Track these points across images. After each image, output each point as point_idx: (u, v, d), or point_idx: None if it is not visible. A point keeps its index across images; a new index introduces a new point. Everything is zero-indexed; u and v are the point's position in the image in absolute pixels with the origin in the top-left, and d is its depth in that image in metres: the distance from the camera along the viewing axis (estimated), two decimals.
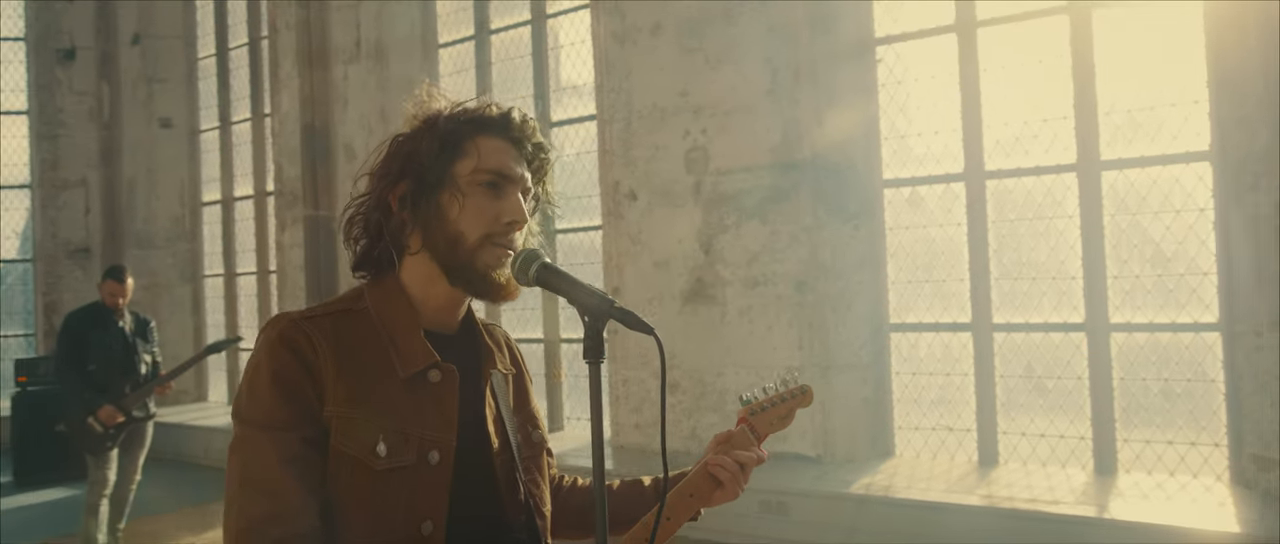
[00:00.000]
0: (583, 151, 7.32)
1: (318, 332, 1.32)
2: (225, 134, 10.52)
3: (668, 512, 1.50)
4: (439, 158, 1.36)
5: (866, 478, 5.38)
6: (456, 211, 1.35)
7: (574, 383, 7.54)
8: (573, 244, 7.45)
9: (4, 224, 11.34)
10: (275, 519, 1.23)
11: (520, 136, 1.43)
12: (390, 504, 1.29)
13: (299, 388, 1.28)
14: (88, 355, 5.16)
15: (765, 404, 1.71)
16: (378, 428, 1.29)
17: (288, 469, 1.25)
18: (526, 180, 1.42)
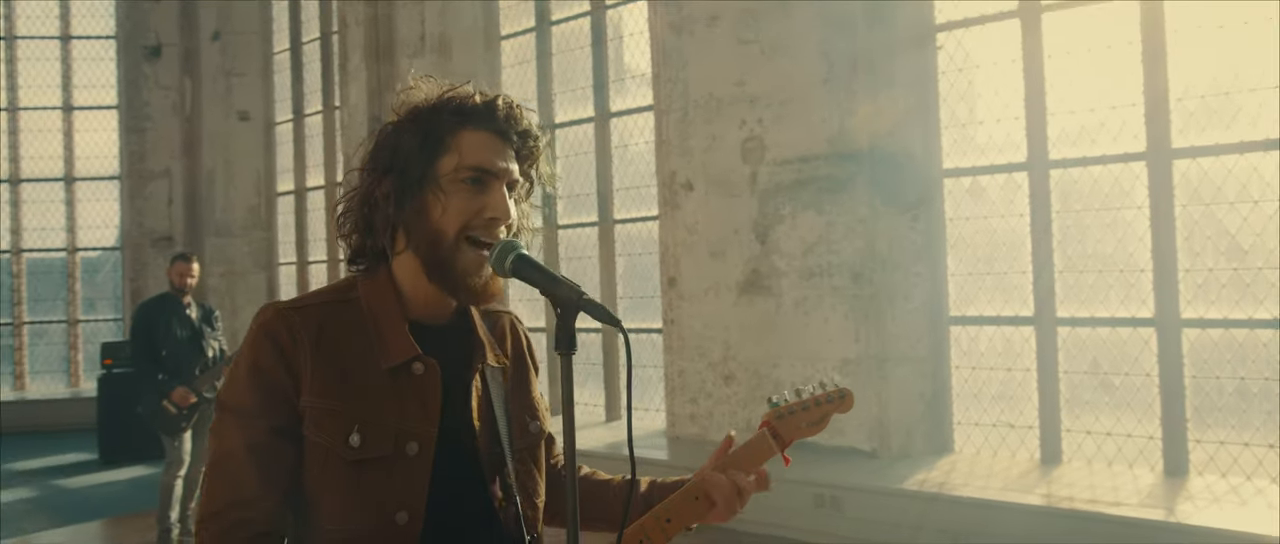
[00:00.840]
0: (640, 142, 7.32)
1: (301, 322, 1.32)
2: (298, 126, 10.82)
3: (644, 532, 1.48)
4: (421, 154, 1.33)
5: (922, 474, 5.28)
6: (439, 211, 1.33)
7: (634, 373, 7.56)
8: (630, 234, 7.47)
9: (97, 214, 11.87)
10: (235, 504, 1.27)
11: (506, 127, 1.39)
12: (364, 494, 1.29)
13: (273, 377, 1.29)
14: (160, 342, 5.39)
15: (794, 407, 1.61)
16: (352, 419, 1.29)
17: (251, 456, 1.28)
18: (512, 172, 1.38)
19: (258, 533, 1.28)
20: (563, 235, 7.96)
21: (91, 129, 11.84)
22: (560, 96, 7.95)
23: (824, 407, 1.63)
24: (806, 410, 1.62)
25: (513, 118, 1.40)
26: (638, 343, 7.46)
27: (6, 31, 11.76)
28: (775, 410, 1.61)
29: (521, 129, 1.40)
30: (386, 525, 1.29)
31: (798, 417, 1.61)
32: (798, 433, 1.61)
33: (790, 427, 1.61)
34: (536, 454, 1.49)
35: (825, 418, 1.63)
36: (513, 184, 1.39)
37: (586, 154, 7.67)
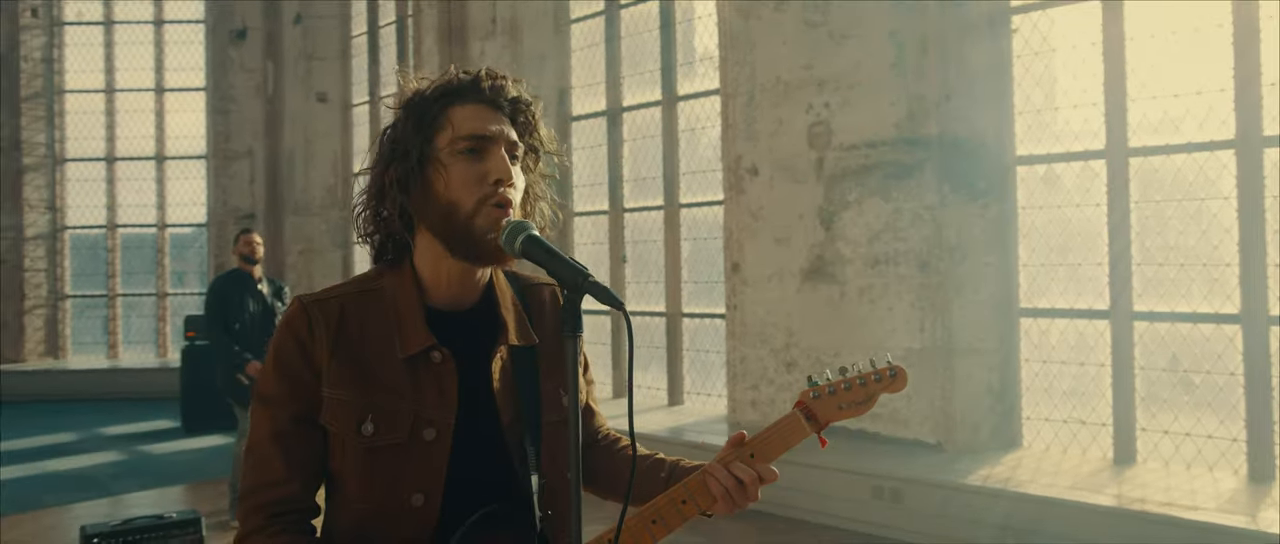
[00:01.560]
0: (707, 125, 7.27)
1: (322, 314, 1.38)
2: (374, 108, 11.04)
3: (656, 513, 1.45)
4: (418, 136, 1.38)
5: (987, 469, 5.15)
6: (443, 184, 1.36)
7: (696, 358, 7.55)
8: (696, 218, 7.43)
9: (186, 192, 12.35)
10: (264, 487, 1.35)
11: (493, 96, 1.41)
12: (380, 477, 1.35)
13: (294, 368, 1.36)
14: (232, 316, 5.57)
15: (834, 386, 1.53)
16: (366, 408, 1.35)
17: (276, 443, 1.35)
18: (508, 135, 1.40)
19: (284, 512, 1.35)
20: (629, 219, 7.96)
21: (181, 110, 12.30)
22: (628, 80, 7.94)
23: (870, 386, 1.55)
24: (849, 390, 1.54)
25: (498, 87, 1.43)
26: (701, 328, 7.44)
27: (106, 17, 12.27)
28: (811, 389, 1.54)
29: (511, 97, 1.43)
30: (403, 507, 1.34)
31: (838, 396, 1.53)
32: (836, 414, 1.53)
33: (827, 407, 1.53)
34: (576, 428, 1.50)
35: (871, 398, 1.55)
36: (512, 148, 1.41)
37: (653, 137, 7.66)
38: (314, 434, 1.36)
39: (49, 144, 11.99)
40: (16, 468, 7.34)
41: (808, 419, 1.53)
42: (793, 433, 1.52)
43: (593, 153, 8.27)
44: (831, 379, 1.56)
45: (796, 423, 1.52)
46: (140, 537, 3.89)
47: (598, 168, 8.21)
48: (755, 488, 1.46)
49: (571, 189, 8.44)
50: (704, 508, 1.47)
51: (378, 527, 1.35)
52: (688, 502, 1.46)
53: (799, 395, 1.57)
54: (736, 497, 1.44)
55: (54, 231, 12.05)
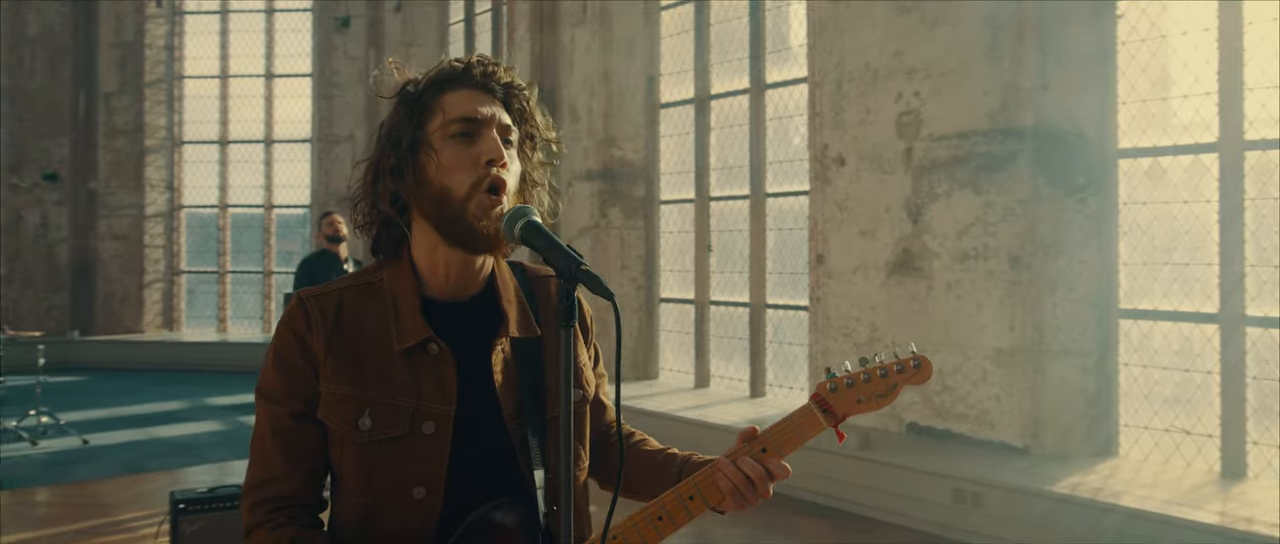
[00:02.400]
0: (795, 114, 7.12)
1: (319, 310, 1.39)
2: None
3: (661, 510, 1.41)
4: (410, 124, 1.37)
5: (1077, 477, 4.91)
6: (434, 169, 1.35)
7: (779, 350, 7.44)
8: (782, 208, 7.31)
9: (292, 175, 12.83)
10: (265, 482, 1.37)
11: (484, 82, 1.40)
12: (380, 471, 1.35)
13: (292, 364, 1.37)
14: None
15: (852, 378, 1.46)
16: (363, 403, 1.34)
17: (277, 439, 1.37)
18: (501, 118, 1.39)
19: (285, 507, 1.36)
20: (715, 208, 7.88)
21: (289, 96, 12.77)
22: (717, 67, 7.85)
23: (892, 377, 1.47)
24: (869, 382, 1.46)
25: (490, 72, 1.41)
26: (784, 320, 7.32)
27: (221, 5, 12.82)
28: (829, 381, 1.48)
29: (504, 82, 1.42)
30: (405, 499, 1.34)
31: (856, 389, 1.46)
32: (855, 407, 1.46)
33: (845, 400, 1.46)
34: (578, 422, 1.47)
35: (893, 391, 1.47)
36: (506, 132, 1.40)
37: (740, 126, 7.55)
38: (314, 429, 1.37)
39: (169, 127, 12.62)
40: (126, 433, 7.77)
41: (823, 412, 1.46)
42: (807, 426, 1.46)
43: (680, 141, 8.22)
44: (850, 370, 1.49)
45: (811, 416, 1.46)
46: (225, 504, 4.06)
47: (684, 156, 8.15)
48: (765, 484, 1.40)
49: (658, 177, 8.41)
50: (713, 504, 1.42)
51: (381, 520, 1.35)
52: (695, 498, 1.41)
53: (816, 387, 1.50)
54: (745, 493, 1.39)
55: (171, 210, 12.69)
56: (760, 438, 1.44)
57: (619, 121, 8.35)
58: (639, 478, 1.54)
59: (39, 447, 7.16)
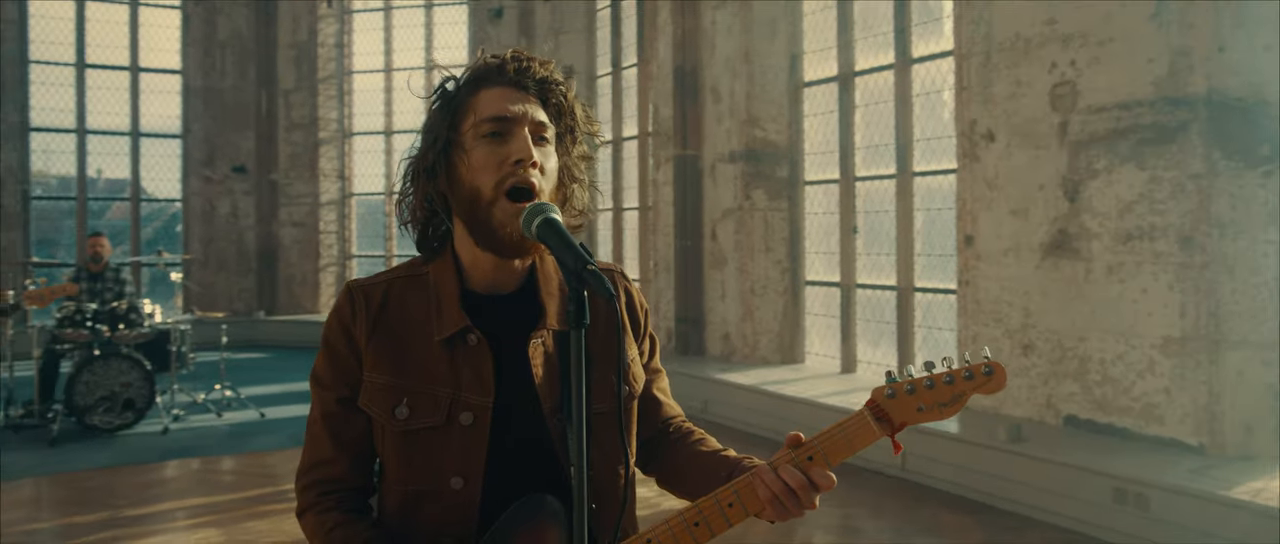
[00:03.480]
0: (944, 89, 6.78)
1: (364, 300, 1.42)
2: (616, 79, 11.33)
3: (698, 515, 1.34)
4: (444, 124, 1.38)
5: (1259, 482, 4.46)
6: (465, 169, 1.36)
7: (927, 335, 7.14)
8: (929, 188, 6.99)
9: None
10: (315, 466, 1.41)
11: (518, 78, 1.39)
12: (419, 460, 1.36)
13: (338, 353, 1.40)
14: None
15: (913, 385, 1.35)
16: (401, 392, 1.36)
17: (325, 424, 1.41)
18: (534, 116, 1.37)
19: (334, 490, 1.40)
20: (860, 188, 7.64)
21: None
22: (861, 42, 7.58)
23: (959, 386, 1.35)
24: (932, 389, 1.35)
25: (524, 68, 1.40)
26: (932, 304, 7.02)
27: (385, 3, 13.47)
28: (887, 386, 1.37)
29: (538, 78, 1.40)
30: (443, 490, 1.34)
31: (918, 396, 1.36)
32: (914, 416, 1.36)
33: (904, 408, 1.36)
34: (624, 419, 1.44)
35: (959, 399, 1.36)
36: (539, 129, 1.38)
37: (886, 103, 7.26)
38: (359, 415, 1.39)
39: (340, 120, 13.41)
40: (299, 408, 8.35)
41: (878, 420, 1.37)
42: (858, 435, 1.36)
43: (824, 120, 8.00)
44: (913, 376, 1.38)
45: (864, 424, 1.36)
46: None
47: (829, 135, 7.93)
48: (808, 495, 1.32)
49: (802, 157, 8.22)
50: (753, 512, 1.36)
51: (421, 508, 1.36)
52: (735, 505, 1.35)
53: (872, 392, 1.40)
54: (786, 503, 1.32)
55: (342, 198, 13.50)
56: (807, 445, 1.36)
57: (762, 102, 8.21)
58: (690, 477, 1.50)
59: (223, 418, 7.80)
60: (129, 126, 12.82)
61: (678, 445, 1.52)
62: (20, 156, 12.17)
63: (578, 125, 1.44)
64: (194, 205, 12.93)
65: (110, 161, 13.04)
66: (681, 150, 8.79)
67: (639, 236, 10.71)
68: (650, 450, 1.54)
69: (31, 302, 4.52)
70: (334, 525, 1.36)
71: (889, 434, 1.37)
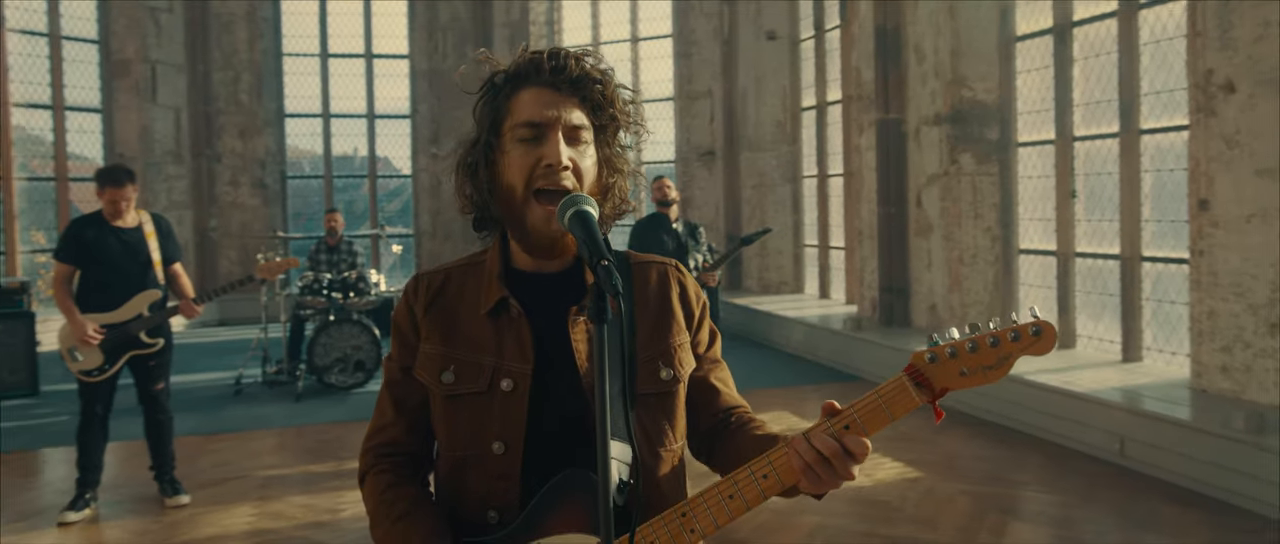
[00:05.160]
0: (1175, 36, 6.07)
1: (428, 283, 1.52)
2: (819, 42, 11.02)
3: (733, 487, 1.32)
4: (488, 121, 1.43)
5: None
6: (504, 169, 1.41)
7: (1157, 309, 6.49)
8: (1159, 146, 6.31)
9: (658, 132, 13.56)
10: (376, 430, 1.53)
11: (554, 78, 1.41)
12: (463, 424, 1.43)
13: (401, 329, 1.51)
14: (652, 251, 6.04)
15: (955, 348, 1.28)
16: (449, 359, 1.44)
17: (388, 391, 1.52)
18: (568, 118, 1.40)
19: (391, 453, 1.51)
20: (1079, 148, 7.02)
21: (652, 57, 13.46)
22: None
23: (1004, 346, 1.27)
24: (975, 351, 1.28)
25: (562, 69, 1.41)
26: (1163, 274, 6.36)
27: None
28: (928, 350, 1.30)
29: (574, 77, 1.41)
30: (486, 454, 1.40)
31: (960, 359, 1.28)
32: (957, 381, 1.28)
33: (945, 372, 1.29)
34: (668, 402, 1.47)
35: (1004, 362, 1.27)
36: (575, 131, 1.40)
37: (1108, 54, 6.61)
38: (417, 386, 1.49)
39: None
40: None
41: (917, 386, 1.29)
42: (896, 402, 1.29)
43: (1038, 76, 7.40)
44: (955, 338, 1.29)
45: (902, 390, 1.29)
46: None
47: (1043, 92, 7.33)
48: (844, 463, 1.27)
49: (1014, 117, 7.66)
50: (789, 483, 1.31)
51: (467, 473, 1.42)
52: (770, 476, 1.31)
53: (911, 356, 1.32)
54: (820, 472, 1.27)
55: None
56: (843, 413, 1.30)
57: (969, 59, 7.70)
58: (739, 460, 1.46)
59: None
60: (365, 109, 13.97)
61: (735, 434, 1.51)
62: (278, 140, 13.59)
63: (620, 118, 1.45)
64: (422, 181, 13.91)
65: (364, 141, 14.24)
66: (884, 114, 8.44)
67: (844, 203, 10.41)
68: (709, 441, 1.54)
69: (263, 274, 5.07)
70: (386, 486, 1.46)
71: (930, 401, 1.31)
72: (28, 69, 11.68)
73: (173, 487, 5.09)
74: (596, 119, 1.43)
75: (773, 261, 12.03)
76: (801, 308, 10.56)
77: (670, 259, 1.58)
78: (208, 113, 13.04)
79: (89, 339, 4.72)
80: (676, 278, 1.54)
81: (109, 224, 4.85)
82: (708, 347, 1.55)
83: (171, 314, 4.95)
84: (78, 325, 4.72)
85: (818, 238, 11.30)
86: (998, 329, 1.29)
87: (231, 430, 6.79)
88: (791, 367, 8.95)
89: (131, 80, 12.29)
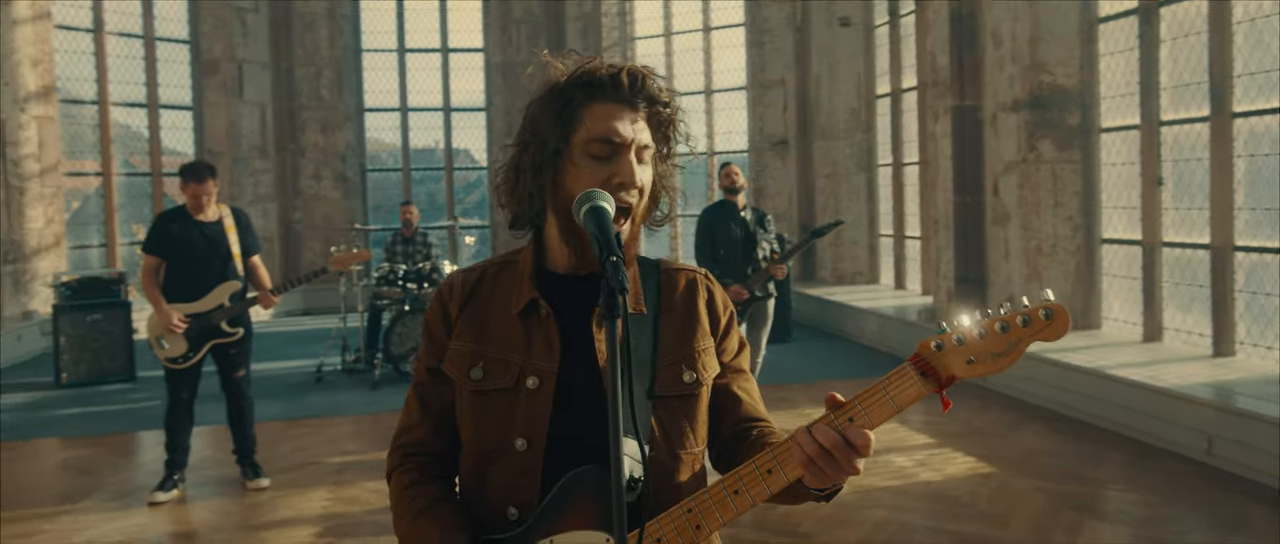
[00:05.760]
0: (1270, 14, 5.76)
1: (462, 283, 1.54)
2: (894, 28, 10.79)
3: (738, 483, 1.31)
4: (556, 129, 1.42)
5: None
6: (571, 179, 1.41)
7: (1250, 302, 6.20)
8: (1253, 130, 6.02)
9: (730, 122, 13.50)
10: (403, 430, 1.56)
11: (631, 97, 1.42)
12: (488, 421, 1.45)
13: (433, 329, 1.54)
14: (718, 242, 5.99)
15: (962, 335, 1.23)
16: (478, 356, 1.47)
17: (416, 391, 1.55)
18: (640, 139, 1.42)
19: (416, 454, 1.53)
20: (1166, 134, 6.74)
21: (724, 47, 13.39)
22: None
23: (1014, 332, 1.21)
24: (984, 338, 1.22)
25: (638, 87, 1.43)
26: (1256, 265, 6.07)
27: None
28: (934, 339, 1.25)
29: (648, 96, 1.43)
30: (508, 451, 1.43)
31: (968, 347, 1.23)
32: (965, 369, 1.23)
33: (952, 360, 1.24)
34: (690, 406, 1.48)
35: (1014, 348, 1.22)
36: (643, 151, 1.43)
37: (1197, 34, 6.32)
38: (447, 385, 1.51)
39: None
40: None
41: (923, 375, 1.25)
42: (901, 391, 1.25)
43: (1122, 59, 7.12)
44: (964, 325, 1.24)
45: (907, 379, 1.25)
46: None
47: (1128, 76, 7.05)
48: (846, 457, 1.24)
49: (1096, 102, 7.39)
50: (792, 477, 1.29)
51: (489, 470, 1.45)
52: (774, 470, 1.30)
53: (918, 345, 1.27)
54: (822, 465, 1.25)
55: None
56: (847, 406, 1.27)
57: (1048, 43, 7.46)
58: None
59: None
60: (442, 103, 14.22)
61: (754, 444, 1.49)
62: (357, 134, 13.94)
63: (673, 137, 1.48)
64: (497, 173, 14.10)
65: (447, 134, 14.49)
66: (959, 100, 8.23)
67: (919, 192, 10.20)
68: (730, 452, 1.53)
69: (336, 266, 5.22)
70: (409, 483, 1.49)
71: (937, 390, 1.26)
72: (125, 69, 12.24)
73: (254, 470, 5.29)
74: (657, 139, 1.46)
75: (847, 252, 11.86)
76: (876, 299, 10.40)
77: (700, 268, 1.60)
78: (291, 108, 13.46)
79: (174, 328, 4.93)
80: (705, 285, 1.57)
81: (192, 218, 5.05)
82: (734, 356, 1.56)
83: (250, 304, 5.14)
84: (164, 315, 4.94)
85: (893, 227, 11.10)
86: (1007, 314, 1.23)
87: (311, 417, 7.02)
88: (864, 358, 8.82)
89: (220, 78, 12.76)
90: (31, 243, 10.71)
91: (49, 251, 10.96)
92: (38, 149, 10.77)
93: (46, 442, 6.65)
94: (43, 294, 10.11)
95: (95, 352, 8.54)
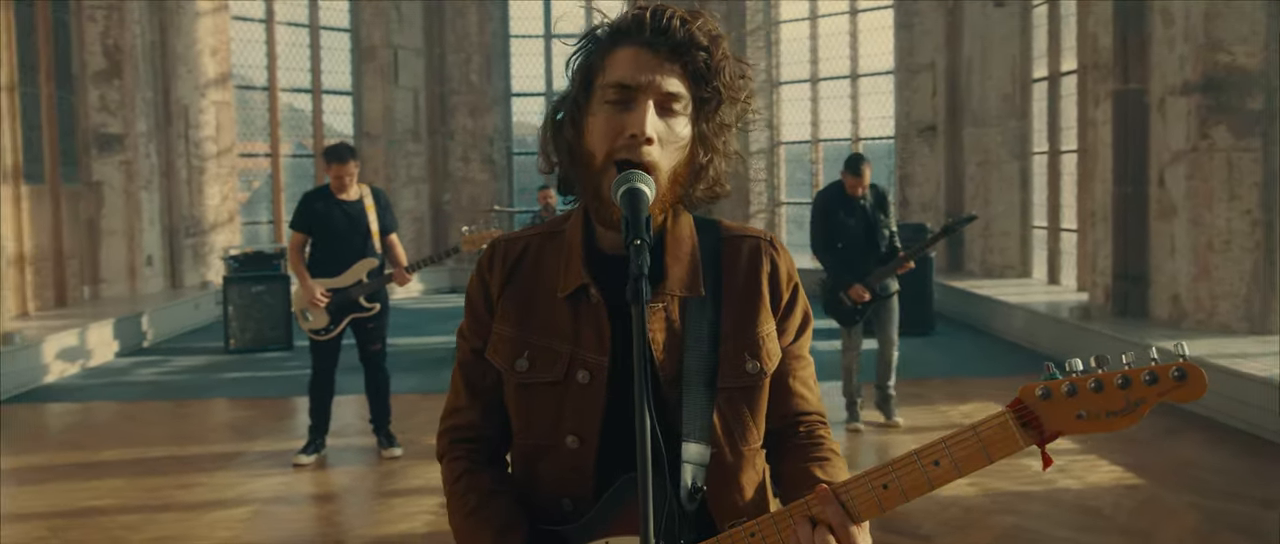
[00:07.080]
0: None
1: (503, 255, 1.40)
2: (1053, 8, 10.16)
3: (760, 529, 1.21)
4: (582, 77, 1.30)
5: None
6: (588, 131, 1.29)
7: None
8: None
9: (876, 107, 13.10)
10: (450, 413, 1.45)
11: (654, 39, 1.25)
12: (536, 415, 1.35)
13: (475, 305, 1.41)
14: (834, 233, 5.72)
15: (1075, 385, 1.07)
16: (523, 345, 1.34)
17: (462, 371, 1.43)
18: (662, 85, 1.25)
19: (466, 438, 1.43)
20: None
21: (871, 30, 12.98)
22: None
23: (1138, 389, 1.05)
24: (1100, 392, 1.06)
25: (661, 28, 1.25)
26: None
27: None
28: (1040, 384, 1.09)
29: (677, 40, 1.25)
30: (559, 447, 1.33)
31: (1080, 399, 1.07)
32: (1072, 424, 1.08)
33: (1057, 413, 1.08)
34: (752, 397, 1.34)
35: (1136, 408, 1.06)
36: (668, 100, 1.26)
37: None
38: (491, 368, 1.40)
39: (768, 69, 13.76)
40: None
41: (1023, 426, 1.10)
42: (996, 442, 1.10)
43: None
44: (1076, 372, 1.08)
45: (1004, 429, 1.10)
46: None
47: None
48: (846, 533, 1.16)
49: None
50: None
51: (540, 464, 1.36)
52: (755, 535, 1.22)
53: (1020, 390, 1.11)
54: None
55: (771, 146, 13.89)
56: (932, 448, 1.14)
57: (1226, 20, 6.83)
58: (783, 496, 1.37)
59: None
60: None
61: (792, 455, 1.38)
62: (505, 118, 14.34)
63: (725, 91, 1.30)
64: None
65: None
66: (1123, 84, 7.67)
67: (1078, 182, 9.59)
68: (771, 446, 1.41)
69: (467, 246, 5.37)
70: (460, 474, 1.40)
71: (1037, 443, 1.11)
72: (292, 57, 13.04)
73: (388, 439, 5.53)
74: (697, 90, 1.29)
75: (997, 244, 11.30)
76: (1027, 293, 9.86)
77: (765, 231, 1.43)
78: (442, 93, 13.98)
79: (316, 302, 5.21)
80: (769, 254, 1.39)
81: (335, 197, 5.31)
82: (795, 338, 1.40)
83: (386, 281, 5.36)
84: (308, 289, 5.22)
85: (1047, 219, 10.49)
86: (1130, 368, 1.07)
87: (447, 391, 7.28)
88: (1009, 356, 8.38)
89: (377, 64, 13.39)
90: (209, 218, 11.61)
91: (224, 227, 11.85)
92: (215, 131, 11.63)
93: (215, 402, 7.21)
94: (217, 266, 10.91)
95: (258, 321, 9.16)
